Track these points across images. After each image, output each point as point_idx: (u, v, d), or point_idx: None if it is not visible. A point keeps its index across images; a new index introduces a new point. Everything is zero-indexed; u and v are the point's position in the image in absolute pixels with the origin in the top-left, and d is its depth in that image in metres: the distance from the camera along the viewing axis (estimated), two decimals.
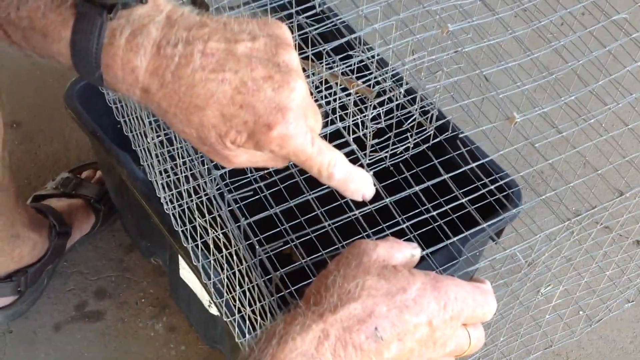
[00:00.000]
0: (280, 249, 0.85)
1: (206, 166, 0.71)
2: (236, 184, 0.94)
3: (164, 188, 0.86)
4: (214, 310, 0.97)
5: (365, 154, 0.81)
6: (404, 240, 0.75)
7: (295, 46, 0.84)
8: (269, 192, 0.90)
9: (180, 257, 0.98)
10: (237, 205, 0.88)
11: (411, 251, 0.57)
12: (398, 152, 0.90)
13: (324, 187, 0.86)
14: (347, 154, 0.71)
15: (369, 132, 0.79)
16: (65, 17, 0.51)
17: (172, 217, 0.87)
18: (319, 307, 0.50)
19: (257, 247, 0.67)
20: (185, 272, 1.03)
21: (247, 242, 0.69)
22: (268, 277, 0.68)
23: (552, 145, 0.76)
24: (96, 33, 0.50)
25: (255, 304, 0.72)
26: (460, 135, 0.93)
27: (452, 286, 0.52)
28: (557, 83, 0.72)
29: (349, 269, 0.53)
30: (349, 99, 0.79)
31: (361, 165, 0.88)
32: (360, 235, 0.87)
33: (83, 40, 0.50)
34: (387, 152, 0.89)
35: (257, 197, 0.91)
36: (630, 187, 0.69)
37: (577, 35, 0.71)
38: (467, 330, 0.54)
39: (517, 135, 0.73)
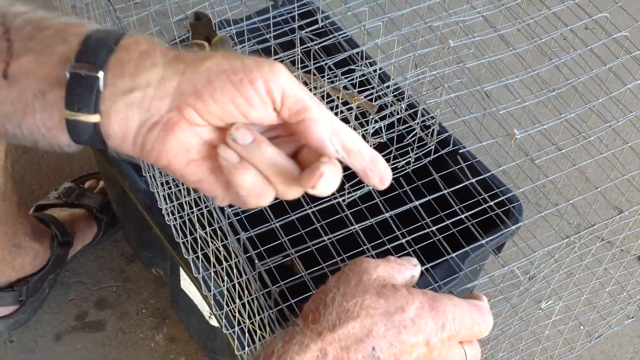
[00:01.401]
0: (281, 261, 0.86)
1: None
2: None
3: (165, 200, 0.86)
4: (214, 322, 0.97)
5: None
6: (404, 254, 0.75)
7: (297, 60, 0.85)
8: (270, 204, 0.90)
9: (181, 268, 0.98)
10: (238, 217, 0.88)
11: (411, 272, 0.57)
12: (399, 166, 0.91)
13: (325, 200, 0.86)
14: (347, 168, 0.71)
15: (370, 146, 0.79)
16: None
17: (173, 229, 0.88)
18: (318, 325, 0.50)
19: (255, 260, 0.67)
20: (186, 283, 1.03)
21: (247, 255, 0.69)
22: (267, 290, 0.69)
23: (553, 161, 0.76)
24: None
25: (255, 316, 0.72)
26: (462, 150, 0.94)
27: (449, 306, 0.52)
28: (557, 100, 0.72)
29: (348, 287, 0.53)
30: (351, 113, 0.79)
31: (360, 181, 0.88)
32: (361, 249, 0.87)
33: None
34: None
35: (258, 209, 0.91)
36: (630, 204, 0.69)
37: (577, 53, 0.71)
38: (463, 348, 0.54)
39: (519, 151, 0.74)
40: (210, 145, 0.49)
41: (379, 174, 0.51)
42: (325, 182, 0.48)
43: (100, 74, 0.47)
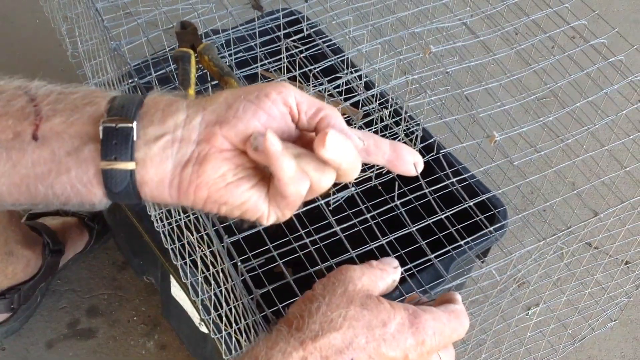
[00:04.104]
0: (269, 266, 0.87)
1: None
2: None
3: (154, 206, 0.87)
4: (204, 329, 0.98)
5: None
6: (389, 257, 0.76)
7: (284, 68, 0.86)
8: None
9: (171, 276, 0.99)
10: (226, 223, 0.89)
11: (392, 276, 0.59)
12: (384, 172, 0.92)
13: (310, 205, 0.87)
14: None
15: None
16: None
17: (162, 235, 0.89)
18: (301, 333, 0.52)
19: (239, 264, 0.68)
20: (177, 290, 1.03)
21: (232, 262, 0.70)
22: (252, 296, 0.70)
23: (537, 167, 0.77)
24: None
25: (241, 321, 0.73)
26: (448, 155, 0.95)
27: (429, 321, 0.54)
28: (539, 108, 0.74)
29: (334, 296, 0.54)
30: None
31: (346, 186, 0.90)
32: (348, 255, 0.88)
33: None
34: (373, 171, 0.90)
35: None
36: (610, 207, 0.71)
37: (556, 59, 0.72)
38: (438, 355, 0.55)
39: (503, 157, 0.75)
40: (243, 167, 0.51)
41: (407, 162, 0.54)
42: (333, 143, 0.49)
43: (134, 124, 0.49)
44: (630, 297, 0.87)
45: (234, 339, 0.80)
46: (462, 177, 0.92)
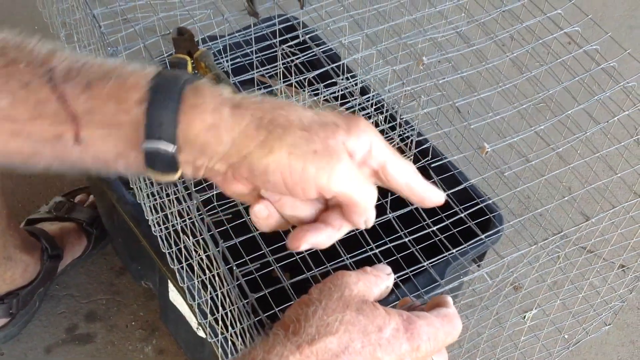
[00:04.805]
0: (266, 270, 0.87)
1: (189, 191, 0.73)
2: (223, 207, 0.96)
3: (151, 211, 0.88)
4: (201, 333, 0.98)
5: None
6: (384, 262, 0.77)
7: (279, 74, 0.87)
8: None
9: (169, 281, 1.00)
10: (223, 227, 0.90)
11: (386, 283, 0.60)
12: None
13: None
14: None
15: None
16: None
17: (159, 240, 0.89)
18: (297, 337, 0.52)
19: (234, 268, 0.69)
20: (174, 295, 1.04)
21: (228, 267, 0.70)
22: (247, 300, 0.70)
23: (533, 173, 0.78)
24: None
25: (237, 325, 0.74)
26: (443, 161, 0.96)
27: (424, 327, 0.55)
28: (533, 112, 0.74)
29: (330, 301, 0.55)
30: None
31: None
32: (342, 260, 0.89)
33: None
34: None
35: (243, 220, 0.93)
36: (603, 211, 0.71)
37: (548, 66, 0.73)
38: (432, 359, 0.56)
39: (498, 161, 0.76)
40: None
41: (430, 202, 0.58)
42: (307, 246, 0.55)
43: (173, 148, 0.52)
44: (624, 301, 0.87)
45: (230, 342, 0.80)
46: (457, 182, 0.92)
